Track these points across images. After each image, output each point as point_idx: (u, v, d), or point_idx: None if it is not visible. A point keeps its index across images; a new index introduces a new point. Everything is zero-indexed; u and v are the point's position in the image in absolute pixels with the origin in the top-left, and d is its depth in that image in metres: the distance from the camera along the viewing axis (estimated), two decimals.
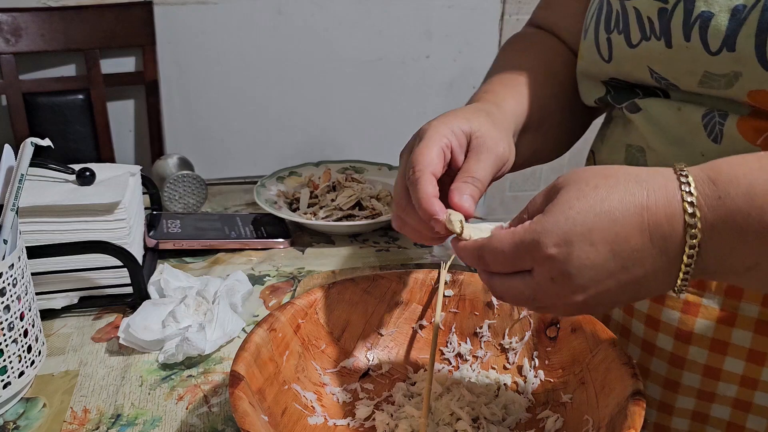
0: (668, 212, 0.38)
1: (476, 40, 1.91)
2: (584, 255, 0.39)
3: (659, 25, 0.51)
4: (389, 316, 0.60)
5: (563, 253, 0.39)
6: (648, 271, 0.39)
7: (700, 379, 0.55)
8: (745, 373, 0.53)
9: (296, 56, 1.80)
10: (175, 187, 0.93)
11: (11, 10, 1.53)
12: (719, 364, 0.54)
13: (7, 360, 0.54)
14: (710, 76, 0.49)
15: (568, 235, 0.39)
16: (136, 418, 0.56)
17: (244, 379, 0.48)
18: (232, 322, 0.65)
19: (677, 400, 0.56)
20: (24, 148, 0.55)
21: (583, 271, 0.39)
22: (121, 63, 1.69)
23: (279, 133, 1.87)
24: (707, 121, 0.51)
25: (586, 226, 0.38)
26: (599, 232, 0.38)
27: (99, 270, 0.70)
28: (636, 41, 0.53)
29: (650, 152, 0.57)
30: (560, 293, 0.40)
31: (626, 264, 0.39)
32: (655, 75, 0.53)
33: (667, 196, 0.38)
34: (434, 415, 0.53)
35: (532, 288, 0.41)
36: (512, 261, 0.41)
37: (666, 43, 0.51)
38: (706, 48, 0.48)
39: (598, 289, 0.40)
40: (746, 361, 0.53)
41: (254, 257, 0.83)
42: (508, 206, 2.02)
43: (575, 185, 0.40)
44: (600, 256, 0.39)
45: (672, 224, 0.38)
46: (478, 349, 0.60)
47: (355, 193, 0.91)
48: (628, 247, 0.39)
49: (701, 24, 0.48)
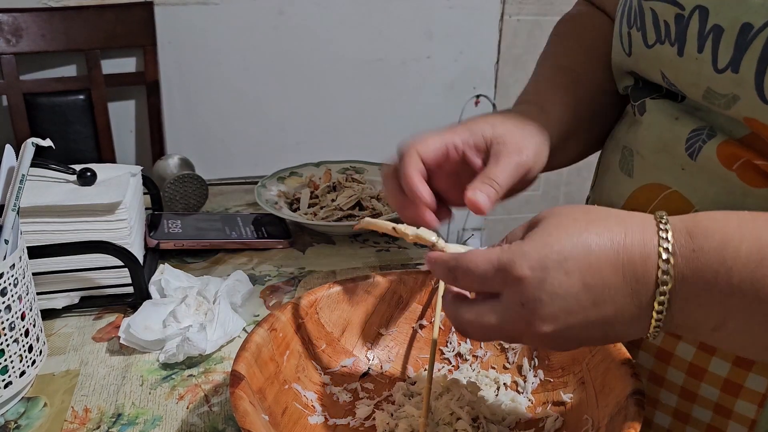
0: (643, 253, 0.38)
1: (477, 41, 1.91)
2: (557, 282, 0.38)
3: (675, 31, 0.49)
4: (389, 316, 0.60)
5: (537, 277, 0.38)
6: (618, 311, 0.39)
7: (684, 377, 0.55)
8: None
9: (297, 56, 1.80)
10: (175, 187, 0.93)
11: (12, 11, 1.53)
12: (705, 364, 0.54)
13: (8, 359, 0.54)
14: (712, 93, 0.48)
15: (544, 260, 0.38)
16: (137, 418, 0.56)
17: (245, 378, 0.48)
18: (232, 322, 0.65)
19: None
20: (25, 148, 0.55)
21: (554, 299, 0.38)
22: (121, 63, 1.69)
23: (279, 133, 1.87)
24: (692, 136, 0.51)
25: (563, 254, 0.38)
26: (574, 262, 0.38)
27: (100, 270, 0.70)
28: (651, 42, 0.52)
29: (638, 157, 0.56)
30: (529, 320, 0.39)
31: (597, 299, 0.38)
32: (666, 79, 0.52)
33: (644, 238, 0.38)
34: (434, 415, 0.53)
35: (500, 314, 0.40)
36: (483, 279, 0.40)
37: (678, 51, 0.49)
38: (714, 63, 0.47)
39: (567, 322, 0.39)
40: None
41: (255, 257, 0.83)
42: (508, 206, 2.02)
43: (556, 217, 0.40)
44: (573, 286, 0.38)
45: (646, 266, 0.38)
46: (477, 348, 0.60)
47: (356, 193, 0.91)
48: (601, 282, 0.38)
49: (714, 37, 0.46)
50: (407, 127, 1.96)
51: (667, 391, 0.56)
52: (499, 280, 0.39)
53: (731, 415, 0.53)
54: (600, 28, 0.67)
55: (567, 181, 2.14)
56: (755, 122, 0.46)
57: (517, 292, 0.39)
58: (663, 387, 0.56)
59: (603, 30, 0.67)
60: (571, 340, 0.41)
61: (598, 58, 0.65)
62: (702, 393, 0.53)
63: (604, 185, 0.62)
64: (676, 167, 0.52)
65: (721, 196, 0.50)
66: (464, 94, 1.97)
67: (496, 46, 1.93)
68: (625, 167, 0.58)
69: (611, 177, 0.60)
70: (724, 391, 0.52)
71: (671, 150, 0.53)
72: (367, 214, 0.89)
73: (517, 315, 0.39)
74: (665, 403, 0.56)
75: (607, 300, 0.38)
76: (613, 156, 0.61)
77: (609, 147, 0.63)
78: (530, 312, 0.39)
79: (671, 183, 0.53)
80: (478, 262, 0.40)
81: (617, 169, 0.59)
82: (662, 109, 0.54)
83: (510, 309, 0.39)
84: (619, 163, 0.59)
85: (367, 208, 0.90)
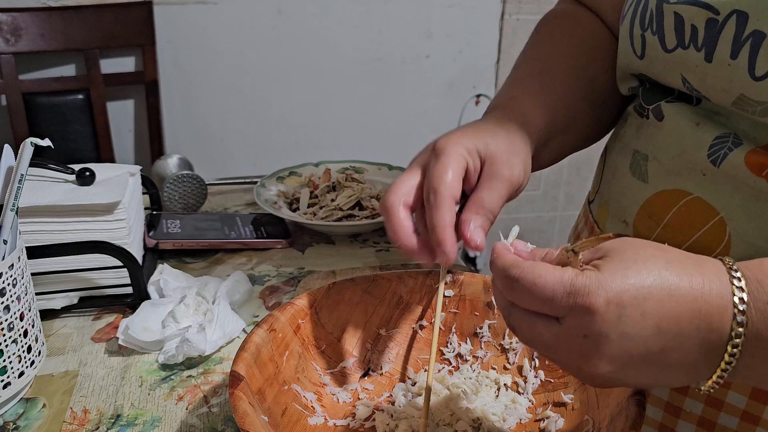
0: (720, 305, 0.35)
1: (476, 40, 1.91)
2: (631, 322, 0.35)
3: (704, 36, 0.47)
4: (389, 316, 0.60)
5: (611, 313, 0.35)
6: (682, 359, 0.36)
7: None
8: None
9: (296, 56, 1.80)
10: (174, 187, 0.93)
11: (11, 10, 1.53)
12: None
13: (7, 360, 0.54)
14: (745, 100, 0.46)
15: (621, 295, 0.35)
16: (136, 419, 0.56)
17: (244, 379, 0.48)
18: (232, 323, 0.65)
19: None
20: (24, 148, 0.55)
21: (623, 340, 0.35)
22: (120, 63, 1.69)
23: (279, 133, 1.87)
24: (716, 143, 0.49)
25: (642, 292, 0.35)
26: (653, 303, 0.35)
27: (99, 270, 0.70)
28: (671, 46, 0.50)
29: (653, 162, 0.55)
30: (588, 355, 0.36)
31: (666, 346, 0.36)
32: (687, 84, 0.50)
33: (721, 288, 0.36)
34: (434, 415, 0.53)
35: (556, 337, 0.37)
36: (546, 299, 0.36)
37: (706, 56, 0.47)
38: (750, 70, 0.44)
39: (627, 365, 0.36)
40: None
41: (254, 257, 0.83)
42: (508, 206, 2.02)
43: (632, 249, 0.37)
44: (646, 330, 0.35)
45: (722, 318, 0.35)
46: (478, 349, 0.60)
47: (355, 193, 0.91)
48: (676, 329, 0.35)
49: (753, 43, 0.44)
50: (406, 127, 1.97)
51: (685, 422, 0.55)
52: (566, 304, 0.36)
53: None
54: (590, 26, 0.66)
55: (567, 180, 2.14)
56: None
57: (584, 324, 0.35)
58: (680, 418, 0.55)
59: (593, 28, 0.65)
60: (623, 382, 0.38)
61: (588, 53, 0.63)
62: (721, 422, 0.53)
63: (613, 189, 0.60)
64: (697, 173, 0.51)
65: (749, 202, 0.48)
66: (464, 93, 1.97)
67: (497, 45, 1.93)
68: (638, 172, 0.57)
69: (621, 181, 0.59)
70: (743, 419, 0.51)
71: (691, 156, 0.51)
72: (367, 214, 0.88)
73: (575, 345, 0.36)
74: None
75: (675, 348, 0.36)
76: (621, 159, 0.59)
77: (614, 150, 0.62)
78: (592, 347, 0.36)
79: (693, 189, 0.51)
80: (548, 281, 0.36)
81: (628, 173, 0.58)
82: (681, 114, 0.52)
83: (570, 337, 0.36)
84: (630, 167, 0.58)
85: (366, 208, 0.90)
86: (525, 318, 0.38)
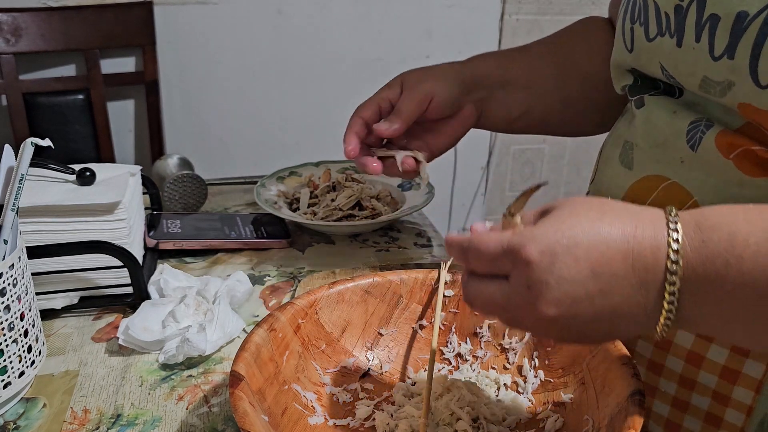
0: (653, 244, 0.38)
1: (476, 40, 1.91)
2: (566, 267, 0.38)
3: (674, 22, 0.51)
4: (389, 316, 0.60)
5: (546, 261, 0.38)
6: (625, 303, 0.39)
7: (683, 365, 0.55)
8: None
9: (296, 56, 1.80)
10: (175, 187, 0.93)
11: (11, 10, 1.53)
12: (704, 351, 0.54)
13: (8, 360, 0.54)
14: (708, 82, 0.49)
15: (554, 245, 0.38)
16: (136, 419, 0.56)
17: (244, 379, 0.48)
18: (232, 323, 0.65)
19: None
20: (24, 148, 0.55)
21: (561, 284, 0.38)
22: (121, 63, 1.69)
23: (279, 133, 1.87)
24: (691, 128, 0.52)
25: (573, 240, 0.38)
26: (584, 248, 0.38)
27: (99, 270, 0.70)
28: (653, 35, 0.54)
29: (637, 150, 0.58)
30: (534, 303, 0.39)
31: (604, 288, 0.38)
32: (665, 72, 0.54)
33: (655, 230, 0.38)
34: (434, 415, 0.53)
35: (506, 294, 0.40)
36: (493, 260, 0.41)
37: (677, 42, 0.51)
38: (711, 51, 0.48)
39: (572, 308, 0.39)
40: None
41: (254, 257, 0.83)
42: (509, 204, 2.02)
43: (570, 206, 0.40)
44: (581, 273, 0.38)
45: (656, 257, 0.38)
46: (478, 349, 0.60)
47: (355, 193, 0.91)
48: (609, 271, 0.38)
49: (711, 25, 0.48)
50: None
51: (666, 380, 0.56)
52: (508, 261, 0.40)
53: (729, 402, 0.53)
54: (594, 32, 0.74)
55: (567, 180, 2.14)
56: (749, 107, 0.47)
57: (524, 275, 0.39)
58: (662, 375, 0.56)
59: (597, 33, 0.74)
60: (575, 331, 0.40)
61: (598, 51, 0.71)
62: (701, 380, 0.54)
63: (603, 178, 0.64)
64: (676, 160, 0.54)
65: (719, 186, 0.51)
66: None
67: (497, 45, 1.93)
68: (625, 160, 0.60)
69: (611, 170, 0.62)
70: (722, 377, 0.53)
71: (671, 143, 0.54)
72: (367, 214, 0.88)
73: (522, 297, 0.39)
74: (664, 392, 0.57)
75: (614, 290, 0.38)
76: (614, 150, 0.62)
77: (609, 142, 0.65)
78: (536, 294, 0.39)
79: (671, 175, 0.54)
80: (489, 243, 0.40)
81: (617, 162, 0.61)
82: (660, 104, 0.55)
83: (516, 290, 0.40)
84: (619, 156, 0.60)
85: (366, 208, 0.90)
86: (479, 284, 0.42)
